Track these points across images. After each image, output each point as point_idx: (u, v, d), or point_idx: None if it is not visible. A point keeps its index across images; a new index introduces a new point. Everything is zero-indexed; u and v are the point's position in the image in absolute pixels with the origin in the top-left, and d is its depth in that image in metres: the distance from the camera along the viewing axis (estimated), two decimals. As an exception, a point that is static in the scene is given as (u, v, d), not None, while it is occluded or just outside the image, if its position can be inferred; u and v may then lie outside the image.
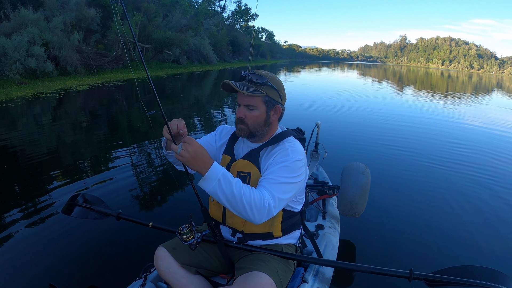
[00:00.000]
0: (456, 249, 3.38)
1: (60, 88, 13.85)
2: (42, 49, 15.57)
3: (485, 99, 20.64)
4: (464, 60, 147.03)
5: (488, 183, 5.31)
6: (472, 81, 45.31)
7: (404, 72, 59.63)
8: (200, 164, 1.43)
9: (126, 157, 5.81)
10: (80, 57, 18.31)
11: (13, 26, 15.96)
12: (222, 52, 42.63)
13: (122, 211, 2.34)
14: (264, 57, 71.69)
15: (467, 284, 1.62)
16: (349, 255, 3.20)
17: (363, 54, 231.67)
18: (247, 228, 1.75)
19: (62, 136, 7.16)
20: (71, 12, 19.52)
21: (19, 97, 11.49)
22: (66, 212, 2.50)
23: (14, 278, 2.66)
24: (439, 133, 8.91)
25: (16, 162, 5.43)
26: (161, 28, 28.85)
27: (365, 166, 2.82)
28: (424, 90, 25.15)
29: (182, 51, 30.31)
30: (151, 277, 2.03)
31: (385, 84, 28.84)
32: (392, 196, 4.62)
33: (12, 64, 14.29)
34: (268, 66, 50.53)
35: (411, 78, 43.04)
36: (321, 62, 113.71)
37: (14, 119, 8.58)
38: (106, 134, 7.51)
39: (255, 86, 1.66)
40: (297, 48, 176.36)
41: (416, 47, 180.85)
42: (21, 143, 6.41)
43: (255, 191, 1.49)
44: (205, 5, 44.23)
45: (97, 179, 4.77)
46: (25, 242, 3.16)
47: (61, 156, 5.81)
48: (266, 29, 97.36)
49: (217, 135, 1.96)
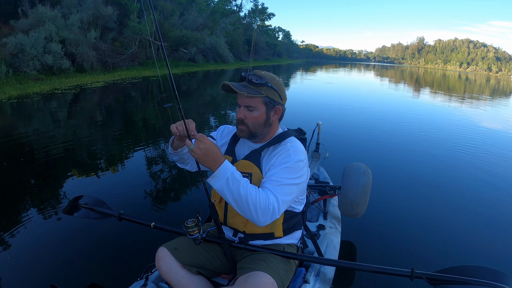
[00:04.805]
0: (457, 249, 3.40)
1: (75, 85, 14.03)
2: (59, 46, 15.82)
3: (496, 102, 20.17)
4: (482, 63, 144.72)
5: (490, 183, 5.35)
6: (490, 84, 44.65)
7: (421, 74, 59.00)
8: (211, 161, 1.47)
9: (131, 157, 5.79)
10: (96, 54, 18.54)
11: (30, 23, 16.25)
12: (238, 51, 42.77)
13: (123, 212, 2.32)
14: (280, 56, 71.86)
15: (468, 283, 1.63)
16: (350, 255, 3.21)
17: (380, 55, 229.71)
18: (249, 229, 1.76)
19: (72, 133, 7.18)
20: (88, 10, 19.84)
21: (35, 92, 11.67)
22: (67, 213, 2.55)
23: (15, 278, 2.66)
24: (441, 133, 8.95)
25: (19, 160, 5.43)
26: (177, 26, 29.06)
27: (366, 166, 2.84)
28: (441, 92, 24.90)
29: (198, 50, 30.48)
30: (153, 278, 2.01)
31: (401, 85, 28.59)
32: (393, 196, 4.64)
33: (29, 61, 14.53)
34: (284, 65, 50.67)
35: (428, 80, 42.57)
36: (338, 63, 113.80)
37: (30, 114, 8.66)
38: (115, 133, 7.49)
39: (254, 87, 1.66)
40: (314, 48, 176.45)
41: (434, 49, 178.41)
42: (32, 139, 6.45)
43: (261, 193, 1.49)
44: (221, 4, 44.46)
45: (100, 178, 4.76)
46: (27, 242, 3.16)
47: (68, 154, 5.78)
48: (283, 29, 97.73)
49: (218, 134, 1.96)
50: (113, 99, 12.19)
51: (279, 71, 36.28)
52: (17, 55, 14.47)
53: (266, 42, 60.90)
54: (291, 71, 38.49)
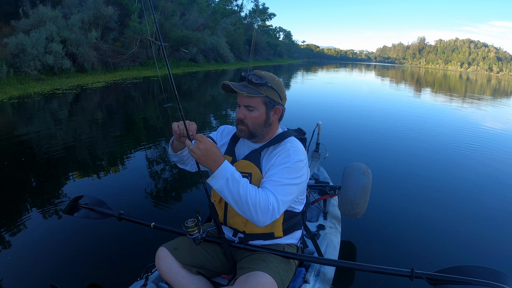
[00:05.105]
0: (457, 249, 3.39)
1: (76, 85, 14.03)
2: (60, 46, 15.83)
3: (497, 102, 20.14)
4: (483, 63, 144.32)
5: (490, 184, 5.35)
6: (491, 84, 44.56)
7: (422, 74, 58.90)
8: (210, 162, 1.48)
9: (132, 157, 5.79)
10: (97, 54, 18.55)
11: (31, 23, 16.27)
12: (239, 51, 42.75)
13: (124, 212, 2.32)
14: (281, 56, 71.83)
15: (468, 283, 1.63)
16: (350, 256, 3.21)
17: (381, 55, 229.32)
18: (248, 229, 1.76)
19: (73, 133, 7.18)
20: (89, 10, 19.83)
21: (36, 93, 11.67)
22: (67, 213, 2.55)
23: (16, 278, 2.66)
24: (441, 133, 8.93)
25: (20, 159, 5.43)
26: (178, 26, 29.05)
27: (366, 166, 2.84)
28: (442, 92, 24.82)
29: (199, 50, 30.47)
30: (153, 278, 2.02)
31: (402, 86, 28.55)
32: (393, 196, 4.64)
33: (30, 61, 14.54)
34: (285, 65, 50.63)
35: (429, 80, 42.49)
36: (339, 63, 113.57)
37: (31, 114, 8.66)
38: (116, 133, 7.50)
39: (254, 87, 1.65)
40: (314, 48, 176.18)
41: (435, 49, 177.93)
42: (32, 139, 6.45)
43: (261, 193, 1.50)
44: (222, 4, 44.41)
45: (101, 178, 4.76)
46: (27, 242, 3.15)
47: (69, 154, 5.78)
48: (284, 29, 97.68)
49: (218, 134, 1.97)
50: (114, 99, 12.19)
51: (280, 71, 36.25)
52: (18, 55, 14.48)
53: (267, 42, 60.89)
54: (292, 71, 38.46)
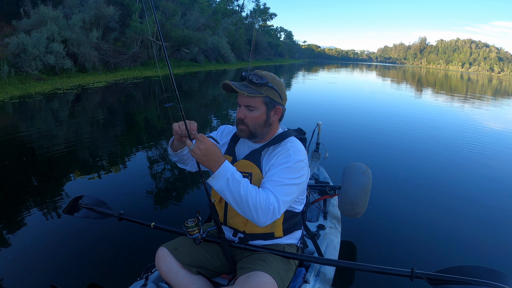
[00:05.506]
0: (457, 249, 3.39)
1: (77, 85, 14.03)
2: (61, 46, 15.83)
3: (498, 102, 20.13)
4: (484, 63, 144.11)
5: (490, 184, 5.34)
6: (492, 84, 44.51)
7: (423, 74, 58.84)
8: (211, 162, 1.48)
9: (132, 157, 5.79)
10: (98, 54, 18.54)
11: (33, 23, 16.26)
12: (240, 51, 42.78)
13: (124, 212, 2.32)
14: (282, 56, 71.82)
15: (468, 283, 1.63)
16: (350, 256, 3.21)
17: (382, 55, 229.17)
18: (249, 229, 1.75)
19: (74, 133, 7.18)
20: (90, 10, 19.82)
21: (37, 92, 11.68)
22: (68, 213, 2.53)
23: (16, 278, 2.66)
24: (442, 133, 8.93)
25: (21, 159, 5.44)
26: (179, 26, 29.05)
27: (366, 166, 2.84)
28: (443, 92, 24.81)
29: (200, 50, 30.48)
30: (153, 278, 2.01)
31: (403, 86, 28.50)
32: (393, 196, 4.64)
33: (31, 60, 14.55)
34: (286, 65, 50.61)
35: (430, 80, 42.43)
36: (340, 63, 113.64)
37: (32, 114, 8.67)
38: (116, 133, 7.50)
39: (255, 86, 1.65)
40: (316, 48, 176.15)
41: (436, 49, 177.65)
42: (33, 139, 6.46)
43: (261, 193, 1.50)
44: (223, 4, 44.37)
45: (101, 178, 4.76)
46: (27, 242, 3.15)
47: (69, 154, 5.78)
48: (285, 29, 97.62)
49: (218, 134, 1.96)
50: (115, 99, 12.18)
51: (281, 71, 36.26)
52: (19, 55, 14.49)
53: (268, 42, 60.90)
54: (293, 71, 38.47)
